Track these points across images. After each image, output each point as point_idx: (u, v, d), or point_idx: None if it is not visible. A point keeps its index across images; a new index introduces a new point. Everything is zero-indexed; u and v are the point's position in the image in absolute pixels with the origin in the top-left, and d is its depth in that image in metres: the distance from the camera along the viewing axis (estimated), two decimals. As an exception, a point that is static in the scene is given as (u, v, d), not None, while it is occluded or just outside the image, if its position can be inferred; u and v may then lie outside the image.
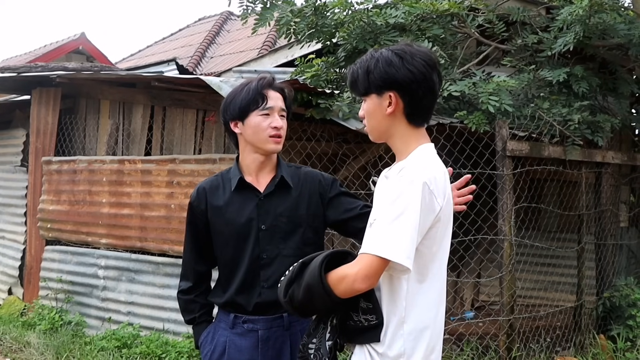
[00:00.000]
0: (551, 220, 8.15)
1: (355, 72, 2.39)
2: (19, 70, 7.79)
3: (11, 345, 6.83)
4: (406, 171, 2.22)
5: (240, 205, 2.81)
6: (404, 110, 2.32)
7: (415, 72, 2.27)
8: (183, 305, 3.02)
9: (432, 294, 2.32)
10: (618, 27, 6.45)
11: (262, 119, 2.77)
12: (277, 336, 2.83)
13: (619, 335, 6.63)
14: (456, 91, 5.89)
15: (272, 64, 9.26)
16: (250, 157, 2.85)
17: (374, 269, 2.14)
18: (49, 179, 7.89)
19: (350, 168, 6.67)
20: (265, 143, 2.79)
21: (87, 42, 15.95)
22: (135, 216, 6.98)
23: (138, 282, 6.96)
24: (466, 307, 8.29)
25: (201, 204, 2.87)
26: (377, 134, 2.41)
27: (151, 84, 6.89)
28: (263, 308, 2.80)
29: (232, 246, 2.82)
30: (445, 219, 2.30)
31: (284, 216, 2.80)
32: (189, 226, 2.95)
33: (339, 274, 2.21)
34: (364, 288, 2.18)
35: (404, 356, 2.26)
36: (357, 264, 2.18)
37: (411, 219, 2.13)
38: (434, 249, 2.28)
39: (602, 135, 6.45)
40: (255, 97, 2.77)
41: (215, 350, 2.85)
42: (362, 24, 6.44)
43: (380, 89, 2.31)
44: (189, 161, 6.62)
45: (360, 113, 2.46)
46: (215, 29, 15.95)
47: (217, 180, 2.91)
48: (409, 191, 2.15)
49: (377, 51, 2.37)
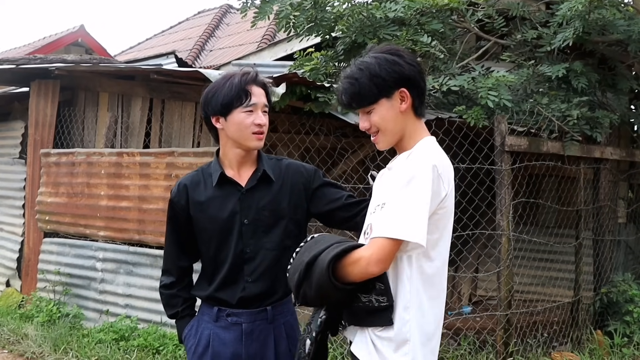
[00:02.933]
0: (549, 215, 8.16)
1: (354, 84, 2.38)
2: (17, 62, 7.77)
3: (9, 337, 6.83)
4: (415, 155, 2.27)
5: (223, 200, 2.80)
6: (413, 104, 2.38)
7: (415, 65, 2.38)
8: (165, 300, 3.01)
9: (434, 281, 2.33)
10: (617, 23, 6.44)
11: (245, 115, 2.72)
12: (260, 329, 2.83)
13: (616, 331, 6.64)
14: (455, 86, 5.89)
15: (271, 57, 9.27)
16: (232, 152, 2.82)
17: (387, 252, 2.18)
18: (47, 171, 7.88)
19: (349, 162, 6.68)
20: (249, 140, 2.75)
21: (86, 35, 15.94)
22: (133, 209, 6.98)
23: (136, 275, 6.96)
24: (464, 301, 8.30)
25: (182, 200, 2.84)
26: (391, 137, 2.42)
27: (150, 77, 6.88)
28: (247, 302, 2.80)
29: (215, 241, 2.81)
30: (449, 208, 2.33)
31: (266, 210, 2.79)
32: (170, 222, 2.93)
33: (353, 258, 2.23)
34: (378, 271, 2.21)
35: (409, 342, 2.27)
36: (370, 247, 2.20)
37: (424, 200, 2.17)
38: (435, 235, 2.29)
39: (600, 131, 6.45)
40: (239, 94, 2.71)
41: (199, 344, 2.85)
42: (362, 18, 6.43)
43: (391, 90, 2.34)
44: (188, 154, 6.62)
45: (364, 125, 2.44)
46: (214, 22, 15.96)
47: (198, 175, 2.88)
48: (421, 173, 2.20)
49: (364, 59, 2.40)
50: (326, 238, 2.42)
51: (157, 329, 6.47)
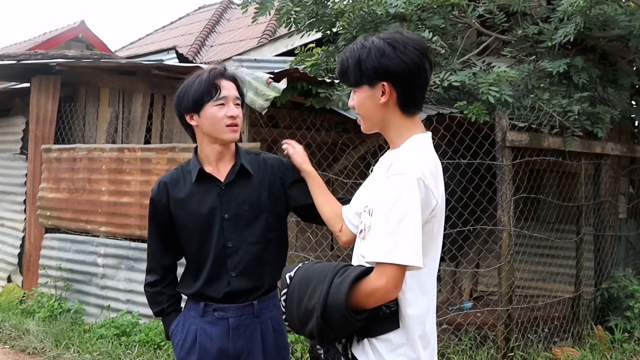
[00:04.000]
0: (550, 211, 8.17)
1: (345, 61, 2.34)
2: (18, 58, 7.78)
3: (10, 333, 6.84)
4: (397, 167, 2.19)
5: (202, 196, 2.82)
6: (397, 100, 2.29)
7: (408, 63, 2.23)
8: (150, 298, 3.02)
9: (426, 281, 2.31)
10: (619, 18, 6.43)
11: (217, 109, 2.75)
12: (247, 324, 2.85)
13: (616, 326, 6.65)
14: (456, 81, 5.89)
15: (272, 52, 9.26)
16: (209, 148, 2.84)
17: (399, 277, 2.14)
18: (48, 167, 7.88)
19: (350, 157, 6.68)
20: (223, 133, 2.78)
21: (86, 30, 15.94)
22: (134, 204, 6.98)
23: (137, 270, 6.97)
24: (464, 297, 8.32)
25: (162, 198, 2.86)
26: (370, 124, 2.39)
27: (151, 73, 6.88)
28: (233, 296, 2.82)
29: (197, 237, 2.83)
30: (439, 214, 2.28)
31: (246, 204, 2.80)
32: (152, 221, 2.95)
33: (368, 290, 2.17)
34: (396, 296, 2.19)
35: (406, 345, 2.27)
36: (382, 276, 2.14)
37: (414, 220, 2.12)
38: (429, 244, 2.26)
39: (601, 126, 6.46)
40: (208, 88, 2.75)
41: (186, 339, 2.86)
42: (363, 14, 6.43)
43: (373, 80, 2.27)
44: (189, 149, 6.60)
45: (350, 103, 2.42)
46: (215, 17, 15.93)
47: (178, 173, 2.91)
48: (406, 192, 2.12)
49: (367, 40, 2.31)
50: (318, 270, 2.32)
51: (158, 324, 6.47)
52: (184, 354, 2.86)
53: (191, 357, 2.84)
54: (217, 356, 2.83)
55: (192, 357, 2.84)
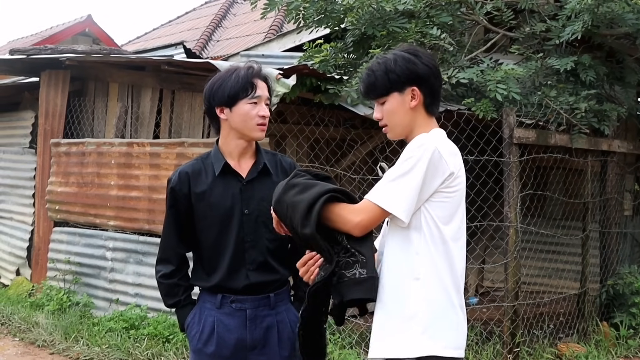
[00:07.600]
0: (556, 207, 8.19)
1: (372, 75, 2.54)
2: (28, 53, 7.82)
3: (20, 325, 6.90)
4: (419, 138, 2.41)
5: (224, 189, 2.88)
6: (424, 102, 2.52)
7: (431, 66, 2.51)
8: (165, 290, 3.04)
9: (449, 256, 2.41)
10: (626, 16, 6.43)
11: (250, 107, 2.83)
12: (264, 315, 2.91)
13: (621, 323, 6.68)
14: (464, 78, 5.91)
15: (279, 48, 9.28)
16: (234, 143, 2.90)
17: (374, 219, 2.36)
18: (57, 161, 7.93)
19: (358, 153, 6.72)
20: (253, 131, 2.86)
21: (93, 24, 15.97)
22: (143, 199, 7.02)
23: (146, 264, 7.00)
24: (471, 292, 8.35)
25: (184, 188, 2.90)
26: (401, 129, 2.55)
27: (161, 68, 6.91)
28: (252, 289, 2.88)
29: (215, 229, 2.88)
30: (459, 190, 2.44)
31: (265, 201, 2.83)
32: (170, 210, 2.97)
33: (341, 216, 2.38)
34: (359, 235, 2.37)
35: (416, 317, 2.35)
36: (360, 213, 2.36)
37: (415, 178, 2.32)
38: (444, 212, 2.40)
39: (608, 124, 6.48)
40: (245, 85, 2.82)
41: (203, 331, 2.90)
42: (371, 10, 6.45)
43: (403, 86, 2.49)
44: (198, 144, 6.64)
45: (377, 115, 2.59)
46: (221, 12, 15.94)
47: (199, 164, 2.95)
48: (417, 153, 2.34)
49: (386, 55, 2.57)
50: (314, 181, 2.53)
51: (167, 317, 6.51)
52: (201, 345, 2.90)
53: (209, 348, 2.88)
54: (234, 346, 2.87)
55: (210, 348, 2.88)
